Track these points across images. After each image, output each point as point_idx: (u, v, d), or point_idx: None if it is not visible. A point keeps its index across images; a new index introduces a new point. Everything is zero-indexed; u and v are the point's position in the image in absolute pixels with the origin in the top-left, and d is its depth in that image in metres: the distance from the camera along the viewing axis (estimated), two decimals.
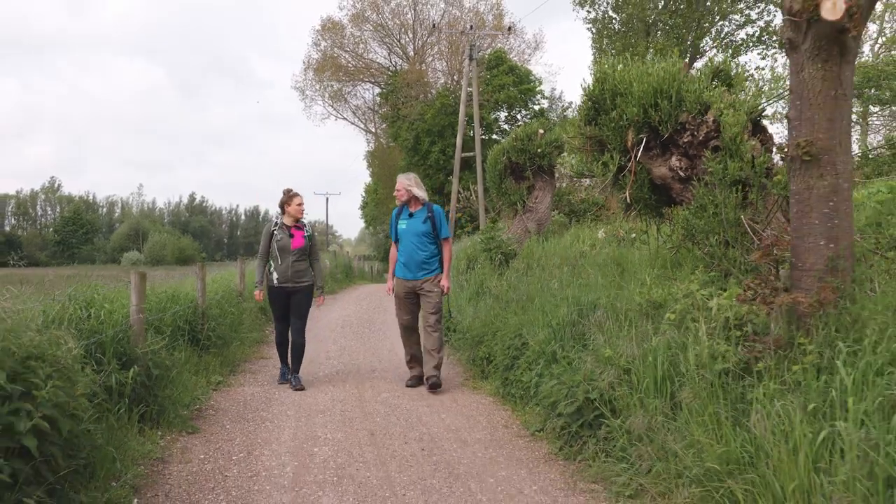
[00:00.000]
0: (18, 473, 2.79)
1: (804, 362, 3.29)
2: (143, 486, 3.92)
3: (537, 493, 3.87)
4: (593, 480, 3.92)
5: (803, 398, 3.09)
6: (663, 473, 3.38)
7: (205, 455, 4.62)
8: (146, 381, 5.04)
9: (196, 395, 5.97)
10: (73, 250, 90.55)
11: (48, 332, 3.36)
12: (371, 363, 8.12)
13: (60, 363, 3.24)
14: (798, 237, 3.67)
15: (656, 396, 3.79)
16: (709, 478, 3.10)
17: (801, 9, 3.42)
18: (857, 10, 3.39)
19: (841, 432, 2.79)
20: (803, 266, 3.63)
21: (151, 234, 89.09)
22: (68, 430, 3.08)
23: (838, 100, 3.50)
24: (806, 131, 3.54)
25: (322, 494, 3.87)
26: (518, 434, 5.02)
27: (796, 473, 2.82)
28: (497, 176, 15.47)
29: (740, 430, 3.16)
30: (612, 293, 5.47)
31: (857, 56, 3.82)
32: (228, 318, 8.63)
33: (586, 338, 4.76)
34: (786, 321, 3.59)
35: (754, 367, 3.54)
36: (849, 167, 3.57)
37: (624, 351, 4.21)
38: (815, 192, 3.56)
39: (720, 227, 5.10)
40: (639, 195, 5.98)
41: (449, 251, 6.80)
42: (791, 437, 2.91)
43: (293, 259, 6.75)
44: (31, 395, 2.95)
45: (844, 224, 3.56)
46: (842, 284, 3.50)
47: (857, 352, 3.16)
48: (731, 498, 2.97)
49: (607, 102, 5.98)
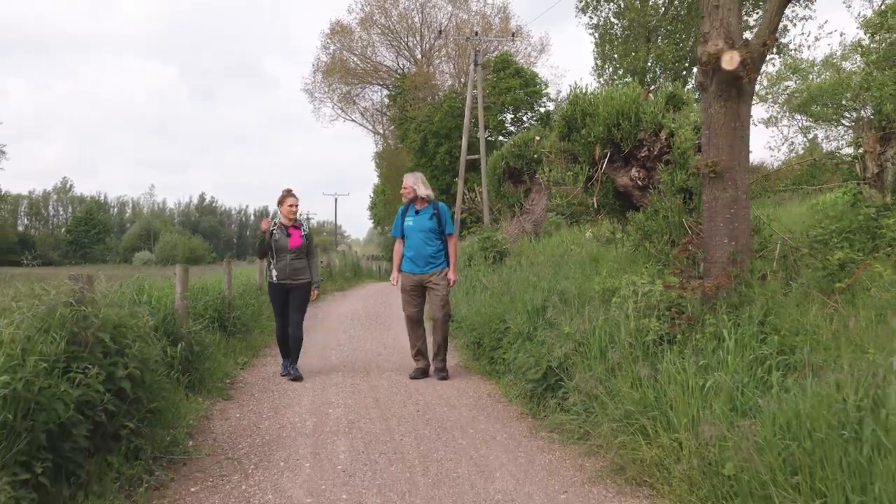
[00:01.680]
0: (119, 407, 3.84)
1: (705, 333, 4.31)
2: (195, 433, 4.97)
3: (506, 439, 4.90)
4: (551, 430, 4.94)
5: (699, 358, 4.12)
6: (598, 417, 4.41)
7: (240, 414, 5.67)
8: (189, 355, 6.10)
9: (227, 371, 7.03)
10: (85, 250, 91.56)
11: (130, 308, 4.42)
12: (377, 349, 9.15)
13: (141, 331, 4.30)
14: (708, 237, 4.69)
15: (600, 362, 4.81)
16: (626, 416, 4.13)
17: (707, 60, 4.45)
18: (750, 62, 4.41)
19: (718, 380, 3.81)
20: (711, 259, 4.66)
21: (162, 234, 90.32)
22: (150, 379, 4.14)
23: (737, 130, 4.52)
24: (713, 154, 4.57)
25: (336, 440, 4.91)
26: (498, 400, 6.05)
27: (687, 410, 3.84)
28: (496, 180, 16.52)
29: (652, 382, 4.18)
30: (581, 283, 6.50)
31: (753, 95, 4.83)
32: (250, 309, 9.69)
33: (553, 319, 5.79)
34: (699, 302, 4.62)
35: (675, 338, 4.57)
36: (746, 182, 4.60)
37: (579, 328, 5.24)
38: (720, 201, 4.58)
39: (668, 229, 6.12)
40: (605, 201, 7.00)
41: (454, 246, 7.15)
42: (685, 386, 3.94)
43: (291, 257, 7.03)
44: (124, 353, 4.00)
45: (742, 226, 4.58)
46: (740, 273, 4.52)
47: (740, 323, 4.19)
48: (642, 430, 3.99)
49: (578, 122, 7.01)
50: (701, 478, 3.50)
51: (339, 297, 18.52)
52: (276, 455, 4.54)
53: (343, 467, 4.30)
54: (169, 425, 4.62)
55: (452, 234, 7.11)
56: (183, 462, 4.34)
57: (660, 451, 3.82)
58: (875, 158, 7.97)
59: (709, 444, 3.47)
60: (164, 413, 4.55)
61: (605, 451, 4.21)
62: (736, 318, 4.28)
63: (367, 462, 4.39)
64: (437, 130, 36.19)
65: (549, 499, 3.78)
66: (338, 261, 27.83)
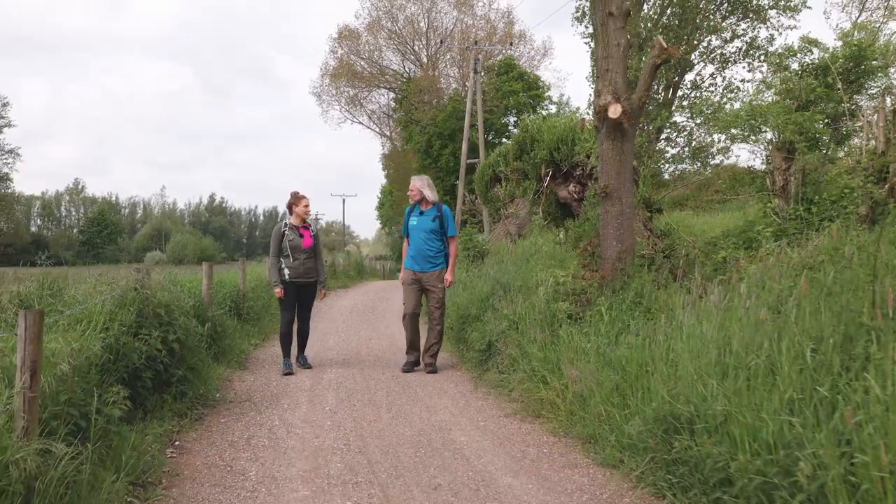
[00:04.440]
0: (170, 361, 5.46)
1: (595, 311, 5.91)
2: (220, 389, 6.59)
3: (454, 392, 6.51)
4: (490, 387, 6.54)
5: (587, 328, 5.71)
6: (516, 373, 6.01)
7: (253, 378, 7.29)
8: (214, 333, 7.73)
9: (242, 349, 8.65)
10: (97, 250, 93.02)
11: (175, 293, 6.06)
12: (369, 334, 10.77)
13: (183, 309, 5.93)
14: (603, 239, 6.29)
15: (525, 335, 6.41)
16: (533, 370, 5.72)
17: (598, 110, 6.04)
18: (629, 112, 6.00)
19: (592, 342, 5.40)
20: (605, 257, 6.25)
21: (173, 234, 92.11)
22: (190, 343, 5.77)
23: (622, 161, 6.11)
24: (604, 179, 6.17)
25: (327, 393, 6.52)
26: (457, 368, 7.66)
27: (578, 363, 5.42)
28: (484, 186, 18.11)
29: (552, 346, 5.77)
30: (525, 277, 8.09)
31: (634, 136, 6.41)
32: (260, 300, 11.34)
33: (495, 305, 7.39)
34: (595, 288, 6.20)
35: (579, 315, 6.17)
36: (630, 200, 6.19)
37: (514, 310, 6.83)
38: (610, 214, 6.18)
39: (592, 233, 7.71)
40: (549, 210, 8.60)
41: (455, 248, 7.56)
42: (572, 346, 5.53)
43: (304, 257, 7.43)
44: (173, 324, 5.63)
45: (627, 232, 6.17)
46: (624, 267, 6.11)
47: (616, 303, 5.78)
48: (543, 379, 5.57)
49: (528, 146, 8.60)
50: (576, 409, 5.09)
51: (342, 293, 20.19)
52: (282, 401, 6.17)
53: (330, 407, 5.92)
54: (202, 380, 6.23)
55: (454, 237, 7.50)
56: (213, 405, 5.96)
57: (552, 393, 5.40)
58: (781, 174, 9.56)
59: (577, 384, 5.06)
60: (199, 370, 6.17)
61: (517, 396, 5.82)
62: (617, 299, 5.87)
63: (347, 405, 6.01)
64: (440, 132, 36.96)
65: (473, 425, 5.38)
66: (342, 260, 29.49)
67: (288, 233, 7.46)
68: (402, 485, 4.03)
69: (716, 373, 3.68)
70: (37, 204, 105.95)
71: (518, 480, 4.09)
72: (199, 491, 3.95)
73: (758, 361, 3.45)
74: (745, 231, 7.40)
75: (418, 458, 4.55)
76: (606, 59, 6.12)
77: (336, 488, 3.97)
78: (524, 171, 8.41)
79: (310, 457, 4.57)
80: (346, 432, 5.17)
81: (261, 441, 4.95)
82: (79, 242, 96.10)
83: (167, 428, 5.02)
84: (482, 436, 5.06)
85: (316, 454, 4.63)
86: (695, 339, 4.18)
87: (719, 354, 3.81)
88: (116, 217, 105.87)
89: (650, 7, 35.40)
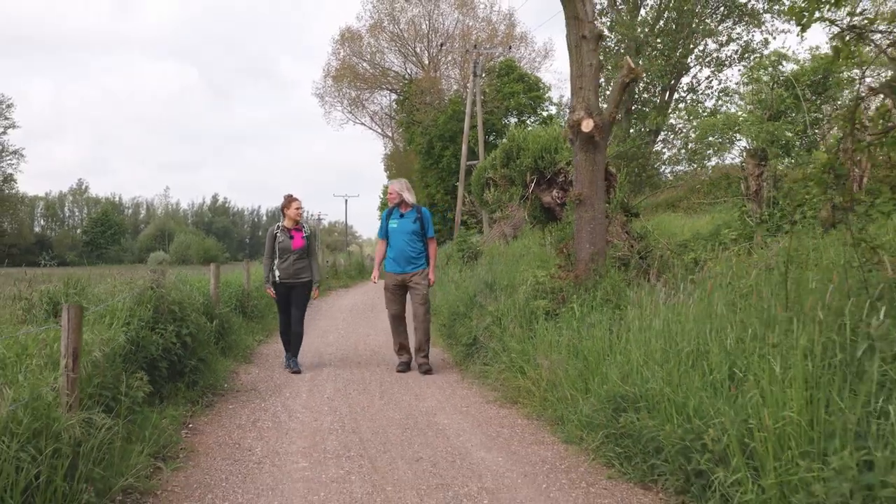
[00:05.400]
0: (183, 353, 6.05)
1: (569, 308, 6.48)
2: (228, 380, 7.18)
3: (441, 382, 7.09)
4: (474, 377, 7.13)
5: (560, 323, 6.29)
6: (496, 364, 6.60)
7: (258, 370, 7.88)
8: (221, 329, 8.32)
9: (247, 344, 9.25)
10: (101, 251, 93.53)
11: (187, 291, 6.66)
12: (367, 331, 11.37)
13: (194, 306, 6.52)
14: (577, 242, 6.87)
15: (506, 330, 6.99)
16: (512, 361, 6.31)
17: (572, 124, 6.62)
18: (601, 127, 6.58)
19: (564, 336, 5.98)
20: (578, 258, 6.83)
21: (177, 234, 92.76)
22: (201, 337, 6.37)
23: (594, 172, 6.69)
24: (578, 188, 6.75)
25: (326, 383, 7.10)
26: (446, 361, 8.25)
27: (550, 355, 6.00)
28: (479, 189, 18.70)
29: (529, 339, 6.36)
30: (511, 276, 8.68)
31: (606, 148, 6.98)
32: (264, 299, 11.93)
33: (480, 302, 7.98)
34: (571, 287, 6.78)
35: (555, 311, 6.74)
36: (602, 206, 6.76)
37: (498, 307, 7.42)
38: (583, 219, 6.76)
39: (570, 236, 8.28)
40: (534, 214, 9.18)
41: (434, 249, 7.73)
42: (546, 340, 6.11)
43: (294, 258, 7.61)
44: (185, 319, 6.22)
45: (599, 236, 6.76)
46: (596, 267, 6.69)
47: (588, 300, 6.36)
48: (521, 369, 6.16)
49: (514, 154, 9.19)
50: (548, 395, 5.67)
51: (343, 292, 20.80)
52: (284, 390, 6.76)
53: (328, 396, 6.51)
54: (211, 371, 6.83)
55: (433, 238, 7.71)
56: (221, 393, 6.56)
57: (528, 382, 5.98)
58: (755, 179, 10.15)
59: (549, 372, 5.64)
60: (209, 362, 6.77)
61: (497, 385, 6.41)
62: (589, 297, 6.45)
63: (344, 394, 6.60)
64: (441, 133, 37.26)
65: (456, 410, 5.96)
66: (343, 260, 30.10)
67: (279, 235, 7.68)
68: (389, 457, 4.62)
69: (657, 359, 4.26)
70: (40, 204, 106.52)
71: (490, 454, 4.68)
72: (212, 463, 4.55)
73: (688, 349, 4.04)
74: (713, 234, 7.97)
75: (405, 436, 5.14)
76: (580, 77, 6.70)
77: (331, 461, 4.57)
78: (511, 178, 8.98)
79: (309, 436, 5.16)
80: (342, 416, 5.76)
81: (265, 423, 5.54)
82: (82, 243, 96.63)
83: (181, 412, 5.61)
84: (463, 419, 5.65)
85: (314, 434, 5.22)
86: (644, 332, 4.76)
87: (664, 343, 4.40)
88: (120, 217, 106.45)
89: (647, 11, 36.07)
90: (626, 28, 36.17)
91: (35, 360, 3.84)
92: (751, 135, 9.36)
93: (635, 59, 35.81)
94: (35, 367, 3.78)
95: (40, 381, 3.51)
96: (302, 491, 4.01)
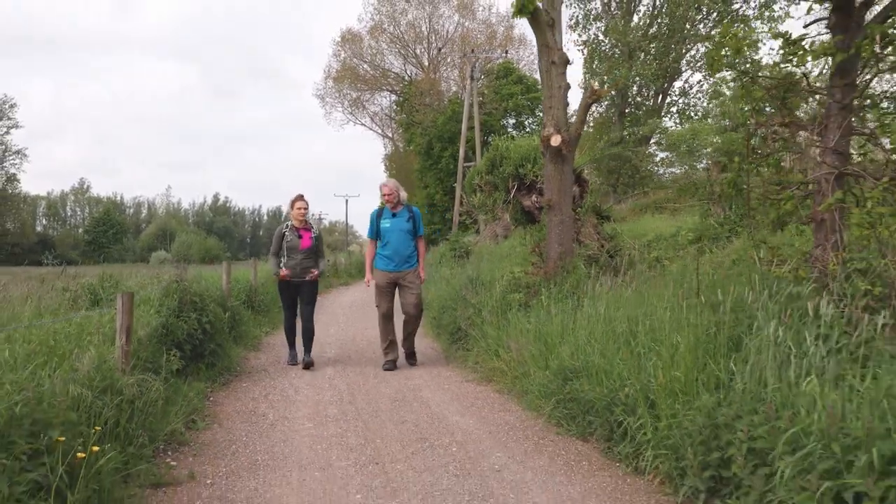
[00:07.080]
0: (204, 338, 7.01)
1: (539, 299, 7.44)
2: (240, 364, 8.13)
3: (430, 365, 8.05)
4: (457, 361, 8.08)
5: (530, 313, 7.24)
6: (475, 349, 7.55)
7: (266, 357, 8.84)
8: (233, 320, 9.27)
9: (256, 335, 10.21)
10: (103, 250, 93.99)
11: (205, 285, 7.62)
12: (365, 325, 12.32)
13: (212, 298, 7.49)
14: (548, 243, 7.83)
15: (484, 320, 7.94)
16: (488, 346, 7.27)
17: (543, 139, 7.57)
18: (568, 141, 7.53)
19: (533, 323, 6.94)
20: (549, 256, 7.79)
21: (179, 234, 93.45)
22: (218, 325, 7.34)
23: (562, 181, 7.65)
24: (548, 194, 7.71)
25: (327, 367, 8.06)
26: (434, 349, 9.21)
27: (519, 339, 6.95)
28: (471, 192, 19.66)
29: (504, 327, 7.31)
30: (492, 272, 9.63)
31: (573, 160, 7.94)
32: (270, 294, 12.89)
33: (464, 295, 8.94)
34: (542, 282, 7.74)
35: (528, 303, 7.70)
36: (569, 210, 7.72)
37: (479, 299, 8.38)
38: (553, 222, 7.72)
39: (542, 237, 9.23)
40: (516, 217, 10.14)
41: (423, 247, 7.96)
42: (518, 327, 7.06)
43: (301, 257, 7.81)
44: (204, 309, 7.18)
45: (567, 237, 7.71)
46: (564, 265, 7.64)
47: (555, 293, 7.32)
48: (496, 353, 7.11)
49: (498, 162, 10.15)
50: (518, 374, 6.63)
51: (343, 290, 21.79)
52: (290, 372, 7.72)
53: (329, 376, 7.48)
54: (226, 355, 7.79)
55: (422, 236, 7.88)
56: (236, 374, 7.52)
57: (501, 363, 6.94)
58: (719, 184, 11.10)
59: (518, 354, 6.60)
60: (224, 348, 7.73)
61: (476, 367, 7.37)
62: (556, 290, 7.41)
63: (343, 375, 7.57)
64: (440, 134, 37.89)
65: (439, 387, 6.92)
66: (343, 259, 31.06)
67: (287, 233, 7.84)
68: (379, 421, 5.58)
69: (598, 338, 5.23)
70: (42, 204, 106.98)
71: (463, 419, 5.64)
72: (233, 425, 5.51)
73: (622, 328, 5.01)
74: (673, 235, 8.94)
75: (393, 406, 6.10)
76: (550, 98, 7.66)
77: (331, 423, 5.53)
78: (495, 184, 9.93)
79: (312, 406, 6.13)
80: (341, 391, 6.72)
81: (275, 397, 6.51)
82: (84, 242, 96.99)
83: (203, 388, 6.57)
84: (444, 393, 6.61)
85: (317, 404, 6.18)
86: (590, 318, 5.73)
87: (603, 326, 5.36)
88: (122, 217, 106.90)
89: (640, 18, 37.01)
90: (619, 34, 37.18)
91: (96, 337, 4.80)
92: (709, 144, 10.29)
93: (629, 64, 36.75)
94: (96, 342, 4.74)
95: (104, 352, 4.47)
96: (308, 443, 4.98)
